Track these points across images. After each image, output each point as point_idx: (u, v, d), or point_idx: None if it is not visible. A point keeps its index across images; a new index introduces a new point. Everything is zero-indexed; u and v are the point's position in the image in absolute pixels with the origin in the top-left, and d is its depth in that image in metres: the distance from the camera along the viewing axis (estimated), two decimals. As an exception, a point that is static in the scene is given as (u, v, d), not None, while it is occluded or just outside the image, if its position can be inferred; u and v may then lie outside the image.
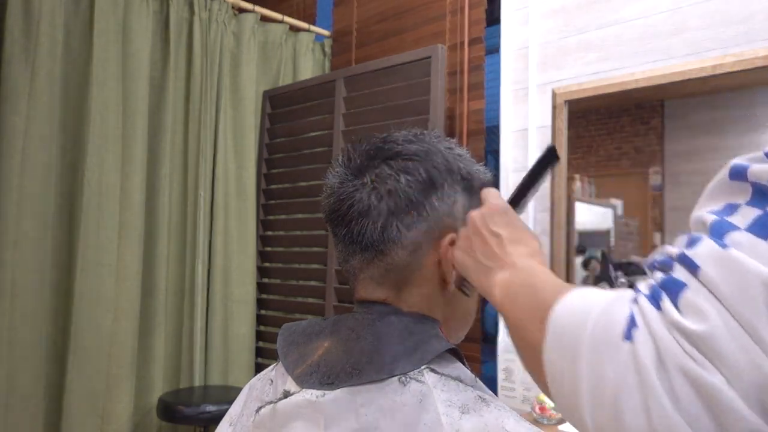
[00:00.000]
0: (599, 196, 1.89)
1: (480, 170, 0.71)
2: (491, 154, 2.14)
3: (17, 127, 1.92)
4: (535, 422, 1.63)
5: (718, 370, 0.32)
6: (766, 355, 0.32)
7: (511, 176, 2.05)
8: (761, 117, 1.58)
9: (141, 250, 2.20)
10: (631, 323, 0.36)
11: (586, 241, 1.87)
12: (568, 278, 1.85)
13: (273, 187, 2.64)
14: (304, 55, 2.71)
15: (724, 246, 0.34)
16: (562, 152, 1.87)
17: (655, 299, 0.37)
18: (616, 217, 1.84)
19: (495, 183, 2.06)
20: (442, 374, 0.60)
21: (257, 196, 2.62)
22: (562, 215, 1.85)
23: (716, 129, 1.66)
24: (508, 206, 0.63)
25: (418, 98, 2.12)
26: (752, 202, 0.36)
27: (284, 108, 2.63)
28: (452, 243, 0.66)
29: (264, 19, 2.63)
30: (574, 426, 0.40)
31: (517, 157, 2.04)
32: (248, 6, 2.56)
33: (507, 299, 0.53)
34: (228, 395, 2.17)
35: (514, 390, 1.83)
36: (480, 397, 0.59)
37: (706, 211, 0.38)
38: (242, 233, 2.51)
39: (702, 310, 0.34)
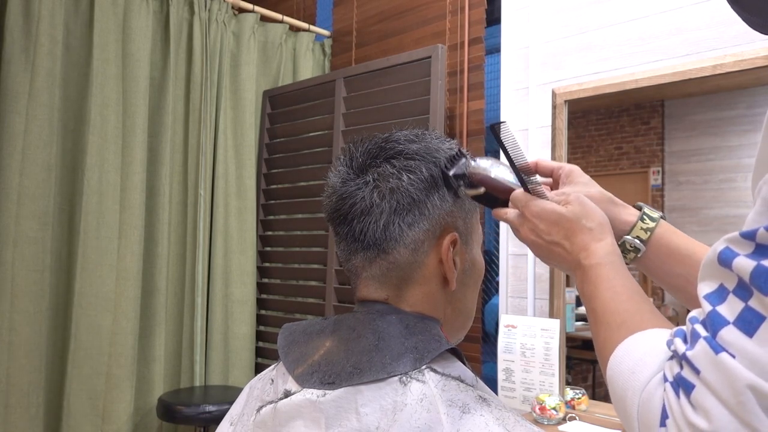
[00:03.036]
0: (599, 196, 1.88)
1: None
2: (491, 154, 2.14)
3: (17, 127, 1.92)
4: (535, 422, 1.63)
5: None
6: None
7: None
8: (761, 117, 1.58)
9: (141, 250, 2.20)
10: (664, 413, 0.44)
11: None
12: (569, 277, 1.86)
13: (273, 187, 2.64)
14: (304, 55, 2.71)
15: (717, 350, 0.41)
16: (563, 152, 1.87)
17: (675, 390, 0.44)
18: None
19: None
20: (443, 374, 0.60)
21: (257, 196, 2.62)
22: (562, 215, 1.85)
23: (716, 129, 1.66)
24: (539, 206, 0.65)
25: (418, 98, 2.12)
26: (737, 292, 0.42)
27: (284, 108, 2.63)
28: (454, 242, 0.66)
29: (264, 19, 2.63)
30: None
31: (517, 157, 2.04)
32: (248, 6, 2.56)
33: (585, 309, 0.61)
34: (228, 395, 2.17)
35: (514, 390, 1.83)
36: (481, 397, 0.59)
37: (703, 295, 0.45)
38: (242, 233, 2.51)
39: (708, 411, 0.41)
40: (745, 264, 0.41)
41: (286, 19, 2.67)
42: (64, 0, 2.06)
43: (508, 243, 2.04)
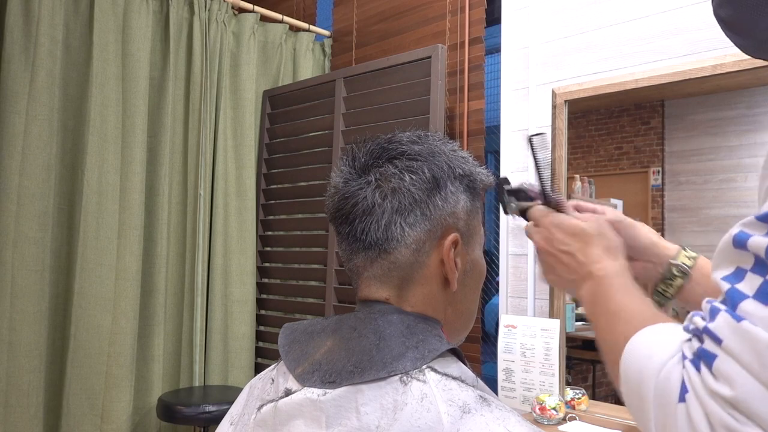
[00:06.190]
0: (599, 196, 1.89)
1: (482, 173, 0.72)
2: (491, 154, 2.15)
3: (17, 127, 1.92)
4: (535, 422, 1.64)
5: (756, 425, 0.40)
6: None
7: (511, 176, 2.05)
8: (761, 117, 1.58)
9: (141, 250, 2.20)
10: (683, 388, 0.45)
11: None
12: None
13: (273, 187, 2.64)
14: (304, 55, 2.71)
15: (738, 319, 0.42)
16: (563, 152, 1.87)
17: (696, 365, 0.45)
18: (616, 217, 1.84)
19: (496, 184, 2.05)
20: (444, 374, 0.60)
21: (257, 196, 2.62)
22: (562, 215, 1.85)
23: (716, 129, 1.66)
24: (560, 218, 0.68)
25: (418, 98, 2.12)
26: (755, 269, 0.43)
27: (284, 108, 2.63)
28: (455, 243, 0.66)
29: (264, 19, 2.63)
30: None
31: (517, 157, 2.04)
32: (248, 6, 2.56)
33: (591, 317, 0.62)
34: (228, 395, 2.17)
35: (514, 390, 1.83)
36: (481, 397, 0.59)
37: (720, 277, 0.46)
38: (242, 233, 2.51)
39: (731, 378, 0.41)
40: (760, 241, 0.42)
41: (286, 19, 2.67)
42: (64, 0, 2.06)
43: (508, 243, 2.04)
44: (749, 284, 0.43)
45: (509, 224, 2.04)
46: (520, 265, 2.00)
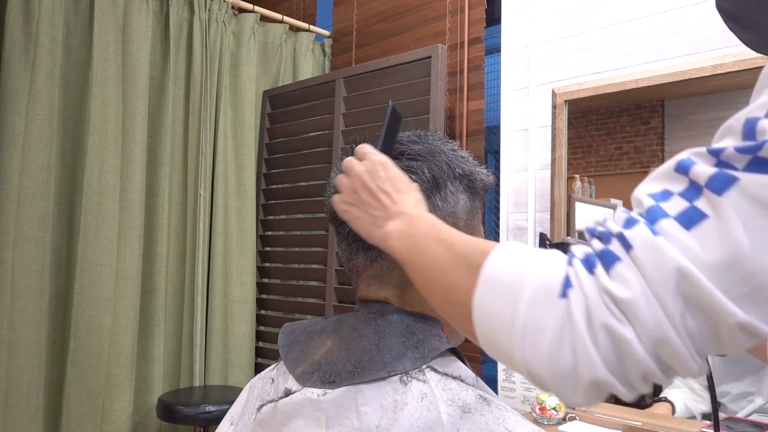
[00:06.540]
0: (599, 196, 1.89)
1: (482, 172, 0.72)
2: (491, 154, 2.14)
3: (17, 127, 1.92)
4: (535, 422, 1.64)
5: (632, 328, 0.41)
6: (668, 320, 0.41)
7: (511, 176, 2.05)
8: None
9: (141, 250, 2.19)
10: (567, 283, 0.44)
11: (586, 241, 1.87)
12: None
13: (273, 187, 2.64)
14: (304, 55, 2.71)
15: (654, 233, 0.42)
16: (563, 152, 1.87)
17: (588, 264, 0.45)
18: (616, 217, 1.84)
19: (496, 184, 2.06)
20: (444, 373, 0.60)
21: (257, 196, 2.62)
22: (562, 215, 1.85)
23: (716, 129, 1.66)
24: (387, 159, 0.65)
25: (418, 98, 2.12)
26: (684, 194, 0.44)
27: (284, 108, 2.63)
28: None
29: (264, 19, 2.63)
30: (497, 357, 0.49)
31: (517, 157, 2.04)
32: (248, 6, 2.56)
33: (410, 248, 0.58)
34: (228, 395, 2.17)
35: (514, 390, 1.83)
36: (481, 396, 0.59)
37: (645, 193, 0.46)
38: (242, 233, 2.51)
39: (629, 282, 0.42)
40: (704, 170, 0.43)
41: (286, 19, 2.67)
42: (64, 0, 2.06)
43: (508, 243, 2.04)
44: (673, 206, 0.43)
45: (509, 224, 2.04)
46: (520, 265, 2.00)
